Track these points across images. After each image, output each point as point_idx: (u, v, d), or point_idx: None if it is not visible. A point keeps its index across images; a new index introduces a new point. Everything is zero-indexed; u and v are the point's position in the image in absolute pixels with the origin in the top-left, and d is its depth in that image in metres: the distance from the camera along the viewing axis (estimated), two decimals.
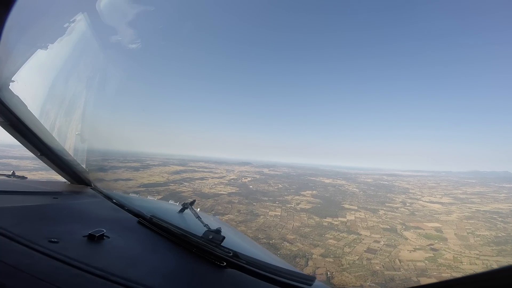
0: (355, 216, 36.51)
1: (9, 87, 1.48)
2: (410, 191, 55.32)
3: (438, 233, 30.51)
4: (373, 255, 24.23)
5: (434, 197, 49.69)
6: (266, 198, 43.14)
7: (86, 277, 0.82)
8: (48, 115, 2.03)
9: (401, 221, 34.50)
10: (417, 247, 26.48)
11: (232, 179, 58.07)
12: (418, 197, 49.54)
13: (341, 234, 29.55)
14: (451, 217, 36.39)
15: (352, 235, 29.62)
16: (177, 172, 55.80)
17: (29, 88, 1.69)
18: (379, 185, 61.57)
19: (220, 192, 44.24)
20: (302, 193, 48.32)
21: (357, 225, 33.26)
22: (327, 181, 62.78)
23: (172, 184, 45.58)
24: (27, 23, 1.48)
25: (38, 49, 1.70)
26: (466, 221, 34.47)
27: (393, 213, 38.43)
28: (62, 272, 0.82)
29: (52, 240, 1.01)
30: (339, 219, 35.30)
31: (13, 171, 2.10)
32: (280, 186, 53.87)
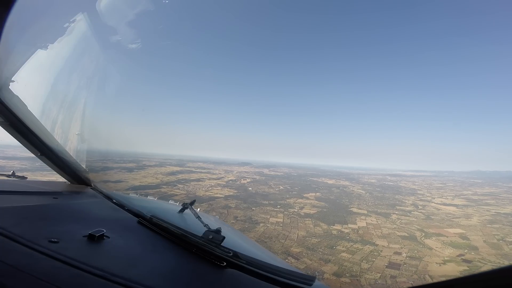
0: (366, 222, 32.77)
1: (9, 87, 1.49)
2: (418, 192, 52.93)
3: (464, 241, 27.04)
4: (398, 271, 20.80)
5: (445, 198, 47.43)
6: (266, 202, 39.56)
7: (86, 277, 0.82)
8: (48, 115, 2.03)
9: (418, 227, 31.25)
10: (446, 258, 23.04)
11: (231, 180, 55.76)
12: (429, 198, 47.29)
13: (354, 245, 25.52)
14: (472, 221, 33.22)
15: (367, 245, 25.61)
16: (172, 173, 53.28)
17: (29, 88, 1.69)
18: (385, 186, 59.40)
19: (216, 195, 40.58)
20: (305, 195, 45.48)
21: (370, 233, 29.44)
22: (330, 182, 60.74)
23: (165, 186, 42.07)
24: (27, 23, 1.48)
25: (38, 49, 1.71)
26: (490, 225, 31.28)
27: (407, 218, 35.21)
28: (62, 272, 0.82)
29: (52, 240, 1.01)
30: (350, 226, 31.29)
31: (13, 171, 2.09)
32: (281, 187, 51.33)
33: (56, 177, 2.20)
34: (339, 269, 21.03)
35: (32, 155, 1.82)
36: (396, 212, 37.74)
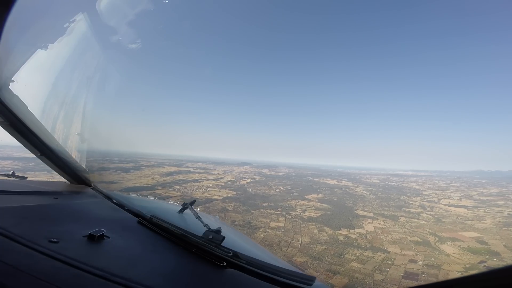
0: (374, 226, 30.72)
1: (9, 87, 1.49)
2: (423, 192, 51.70)
3: (483, 246, 24.96)
4: (416, 282, 17.55)
5: (452, 199, 45.78)
6: (266, 204, 37.61)
7: (86, 277, 0.82)
8: (48, 115, 2.03)
9: (430, 231, 29.38)
10: (467, 266, 21.06)
11: (230, 181, 54.15)
12: (435, 200, 45.85)
13: (364, 253, 23.16)
14: (486, 224, 31.46)
15: (378, 253, 23.26)
16: (170, 174, 51.60)
17: (29, 88, 1.69)
18: (388, 186, 58.00)
19: (213, 197, 38.66)
20: (307, 197, 43.98)
21: (380, 238, 27.11)
22: (331, 182, 59.40)
23: (160, 188, 40.18)
24: (27, 23, 1.48)
25: (38, 49, 1.71)
26: (506, 228, 29.62)
27: (417, 221, 33.26)
28: (62, 272, 0.82)
29: (52, 240, 1.01)
30: (357, 230, 29.15)
31: (13, 171, 2.09)
32: (282, 188, 49.64)
33: (56, 177, 2.20)
34: (350, 282, 18.80)
35: (28, 155, 1.82)
36: (404, 215, 36.00)
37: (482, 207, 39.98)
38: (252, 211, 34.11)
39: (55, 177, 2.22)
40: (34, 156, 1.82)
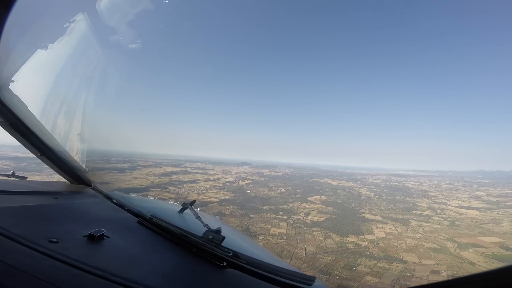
0: (385, 231, 28.15)
1: (9, 87, 1.49)
2: (429, 193, 49.51)
3: (509, 252, 22.96)
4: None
5: (461, 200, 43.40)
6: (266, 207, 35.15)
7: (86, 277, 0.82)
8: (48, 115, 2.03)
9: (446, 236, 26.91)
10: None
11: (228, 181, 52.10)
12: (443, 201, 43.46)
13: (379, 264, 20.50)
14: (504, 228, 29.28)
15: (395, 263, 20.68)
16: (166, 174, 49.81)
17: (29, 88, 1.69)
18: (392, 187, 56.02)
19: (210, 200, 36.39)
20: (309, 199, 41.64)
21: (393, 245, 24.41)
22: (334, 183, 57.71)
23: (154, 189, 38.06)
24: (27, 23, 1.48)
25: (38, 49, 1.71)
26: None
27: (429, 224, 30.96)
28: (62, 272, 0.82)
29: (52, 240, 1.01)
30: (366, 236, 26.45)
31: (13, 171, 2.09)
32: (282, 190, 47.76)
33: (56, 177, 2.20)
34: None
35: (22, 155, 1.83)
36: (415, 218, 33.63)
37: (494, 209, 37.85)
38: (251, 215, 31.80)
39: (55, 177, 2.22)
40: (28, 156, 1.82)
